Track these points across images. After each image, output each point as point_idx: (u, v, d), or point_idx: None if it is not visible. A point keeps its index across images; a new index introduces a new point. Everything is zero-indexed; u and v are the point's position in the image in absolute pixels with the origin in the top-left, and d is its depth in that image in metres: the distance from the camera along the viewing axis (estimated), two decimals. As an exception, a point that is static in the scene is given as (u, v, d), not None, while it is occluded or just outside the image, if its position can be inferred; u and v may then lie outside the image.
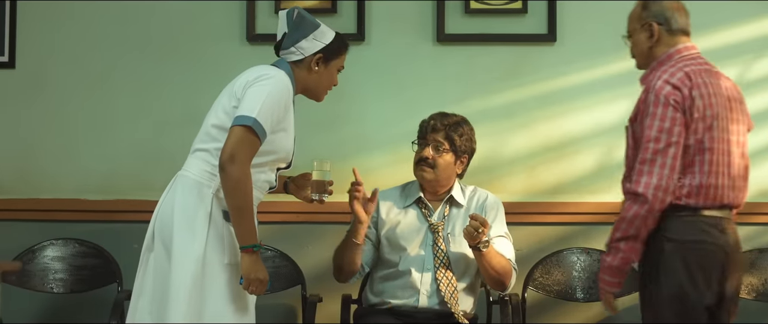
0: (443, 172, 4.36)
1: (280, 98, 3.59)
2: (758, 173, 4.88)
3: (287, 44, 3.77)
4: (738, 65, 4.95)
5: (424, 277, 4.31)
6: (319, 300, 4.70)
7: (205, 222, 3.56)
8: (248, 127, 3.48)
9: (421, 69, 5.04)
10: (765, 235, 4.92)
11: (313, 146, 4.92)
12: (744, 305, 4.76)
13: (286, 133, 3.68)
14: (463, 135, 4.36)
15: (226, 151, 3.45)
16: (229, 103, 3.61)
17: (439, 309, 4.27)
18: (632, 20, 3.78)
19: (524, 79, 5.01)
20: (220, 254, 3.55)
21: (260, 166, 3.64)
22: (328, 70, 3.84)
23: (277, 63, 3.78)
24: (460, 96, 4.99)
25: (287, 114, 3.66)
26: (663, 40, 3.70)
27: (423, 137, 4.38)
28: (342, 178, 4.92)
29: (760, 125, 4.89)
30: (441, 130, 4.33)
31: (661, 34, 3.70)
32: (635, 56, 3.79)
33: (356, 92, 5.03)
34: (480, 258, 4.21)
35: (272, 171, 3.75)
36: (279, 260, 4.82)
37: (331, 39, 3.80)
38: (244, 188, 3.49)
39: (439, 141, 4.33)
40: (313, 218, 4.95)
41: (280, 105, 3.59)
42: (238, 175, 3.46)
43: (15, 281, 4.73)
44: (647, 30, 3.71)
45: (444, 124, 4.35)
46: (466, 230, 4.09)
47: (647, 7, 3.75)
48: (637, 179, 3.48)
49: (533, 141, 4.96)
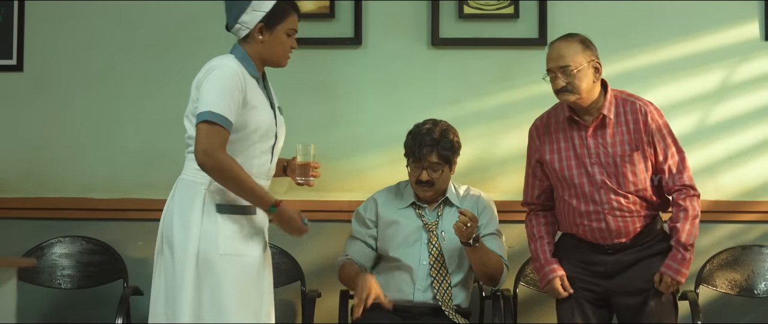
0: (441, 185, 4.46)
1: (231, 83, 3.61)
2: (740, 173, 5.02)
3: (231, 23, 3.77)
4: (723, 68, 5.03)
5: (420, 273, 4.41)
6: (318, 295, 4.75)
7: (199, 217, 3.62)
8: (207, 120, 3.55)
9: (416, 71, 5.10)
10: (748, 233, 4.99)
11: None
12: (728, 300, 4.90)
13: (257, 110, 3.69)
14: (452, 146, 4.41)
15: (198, 150, 3.54)
16: (192, 106, 3.69)
17: (433, 304, 4.37)
18: (574, 58, 4.05)
19: (516, 82, 5.07)
20: (214, 246, 3.59)
21: (248, 150, 3.69)
22: (275, 36, 3.76)
23: (232, 49, 3.81)
24: (454, 98, 5.06)
25: (250, 92, 3.67)
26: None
27: (418, 160, 4.40)
28: (338, 177, 5.04)
29: (742, 127, 5.03)
30: (433, 151, 4.37)
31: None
32: (579, 90, 4.06)
33: (352, 94, 5.11)
34: (472, 254, 4.33)
35: (265, 154, 3.76)
36: (278, 257, 4.88)
37: (271, 6, 3.72)
38: (231, 173, 3.56)
39: (434, 163, 4.39)
40: (312, 216, 4.95)
41: (232, 89, 3.61)
42: (217, 165, 3.54)
43: (24, 277, 4.78)
44: (593, 67, 4.08)
45: (433, 143, 4.37)
46: (456, 226, 4.20)
47: (588, 46, 4.11)
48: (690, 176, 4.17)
49: (525, 142, 4.87)
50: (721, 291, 4.80)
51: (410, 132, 4.47)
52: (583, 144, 4.15)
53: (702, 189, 4.76)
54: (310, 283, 4.88)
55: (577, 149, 4.16)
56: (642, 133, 4.11)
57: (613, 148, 4.12)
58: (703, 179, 4.95)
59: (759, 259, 4.82)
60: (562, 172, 4.19)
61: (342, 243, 4.69)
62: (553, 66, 4.08)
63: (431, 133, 4.39)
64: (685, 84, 5.05)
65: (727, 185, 5.01)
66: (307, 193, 5.01)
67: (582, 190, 4.15)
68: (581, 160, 4.15)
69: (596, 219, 4.15)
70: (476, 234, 4.29)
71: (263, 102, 3.75)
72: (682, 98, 5.05)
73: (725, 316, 4.98)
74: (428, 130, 4.40)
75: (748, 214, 4.99)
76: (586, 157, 4.14)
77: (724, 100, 5.04)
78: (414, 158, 4.41)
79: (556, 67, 4.06)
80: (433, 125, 4.42)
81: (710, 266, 4.81)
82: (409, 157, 4.45)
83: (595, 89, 4.12)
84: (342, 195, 5.04)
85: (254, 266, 3.68)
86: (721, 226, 5.00)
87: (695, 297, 4.61)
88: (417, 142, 4.39)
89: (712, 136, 5.03)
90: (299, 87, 5.08)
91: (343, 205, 4.99)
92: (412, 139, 4.42)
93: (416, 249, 4.45)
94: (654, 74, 5.04)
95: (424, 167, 4.39)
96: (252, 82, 3.72)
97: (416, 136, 4.41)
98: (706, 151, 5.03)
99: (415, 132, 4.43)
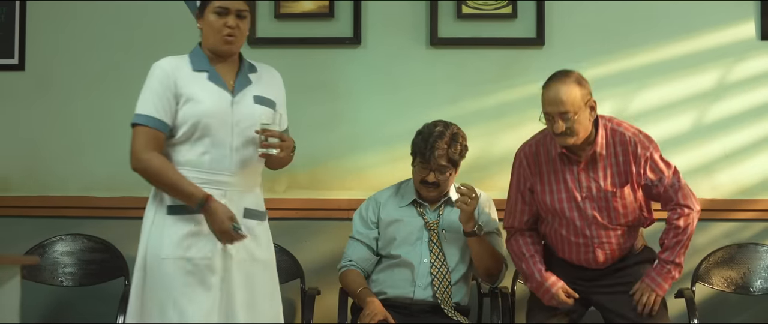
0: (445, 186, 4.48)
1: (153, 82, 3.63)
2: (737, 172, 5.05)
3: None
4: (719, 68, 5.06)
5: (420, 271, 4.44)
6: (318, 293, 4.77)
7: (150, 220, 3.64)
8: (132, 124, 3.62)
9: (415, 71, 5.12)
10: (743, 231, 5.02)
11: (308, 146, 5.00)
12: (724, 298, 4.93)
13: (194, 102, 3.62)
14: (461, 151, 4.44)
15: (130, 156, 3.62)
16: None
17: (433, 301, 4.41)
18: (574, 102, 4.03)
19: (514, 81, 5.09)
20: (157, 249, 3.58)
21: (196, 145, 3.63)
22: (206, 20, 3.70)
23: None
24: (453, 97, 5.09)
25: (184, 87, 3.63)
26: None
27: (426, 162, 4.41)
28: (337, 176, 5.07)
29: (738, 126, 5.06)
30: (443, 155, 4.37)
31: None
32: (578, 133, 4.05)
33: (351, 93, 5.13)
34: (475, 246, 4.38)
35: (219, 147, 3.62)
36: (278, 255, 4.74)
37: None
38: (155, 173, 3.57)
39: (442, 165, 4.40)
40: (312, 215, 5.06)
41: (156, 87, 3.61)
42: (142, 167, 3.58)
43: (27, 275, 4.80)
44: (589, 107, 4.10)
45: (444, 146, 4.37)
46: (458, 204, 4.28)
47: (583, 84, 4.08)
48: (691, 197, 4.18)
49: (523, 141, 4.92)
50: (717, 289, 4.83)
51: (420, 132, 4.46)
52: (574, 179, 4.18)
53: (698, 187, 4.87)
54: (310, 281, 4.89)
55: (569, 184, 4.18)
56: (631, 165, 4.15)
57: (605, 182, 4.15)
58: (699, 178, 5.00)
59: (755, 257, 4.85)
60: (552, 205, 4.21)
61: (341, 241, 4.71)
62: (552, 111, 4.05)
63: (442, 136, 4.39)
64: (681, 83, 5.07)
65: (723, 184, 5.04)
66: (307, 191, 5.05)
67: (573, 223, 4.20)
68: (572, 195, 4.17)
69: (585, 251, 4.24)
70: (479, 224, 4.34)
71: (208, 94, 3.65)
72: (678, 97, 5.07)
73: (721, 314, 5.01)
74: (440, 133, 4.39)
75: (745, 213, 5.02)
76: (578, 191, 4.17)
77: (721, 100, 5.07)
78: (423, 159, 4.41)
79: (555, 112, 4.03)
80: (444, 128, 4.42)
81: (706, 264, 4.83)
82: (416, 157, 4.46)
83: (589, 127, 4.12)
84: (342, 193, 5.07)
85: (202, 268, 3.59)
86: (717, 224, 5.02)
87: (691, 294, 4.63)
88: (428, 144, 4.38)
89: (709, 135, 5.06)
90: (299, 86, 5.06)
91: (343, 203, 5.02)
92: (423, 140, 4.41)
93: (417, 247, 4.48)
94: (651, 73, 5.07)
95: (432, 169, 4.41)
96: (191, 77, 3.68)
97: (427, 138, 4.40)
98: (702, 150, 5.05)
99: (427, 134, 4.42)
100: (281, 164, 3.92)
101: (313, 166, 5.11)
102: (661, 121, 5.05)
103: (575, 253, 4.25)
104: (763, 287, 4.82)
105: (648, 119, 5.01)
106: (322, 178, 5.09)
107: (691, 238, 4.17)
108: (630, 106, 5.06)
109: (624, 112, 5.02)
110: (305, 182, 5.10)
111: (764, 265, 4.83)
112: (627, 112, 5.04)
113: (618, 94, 5.05)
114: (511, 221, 4.38)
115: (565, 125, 4.02)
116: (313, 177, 5.10)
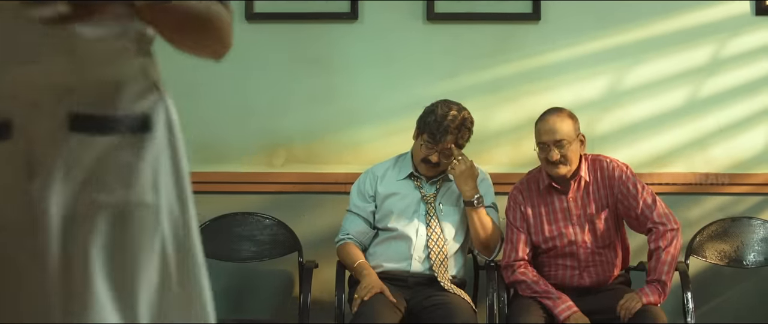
0: (445, 167, 4.52)
1: None
2: (731, 146, 5.06)
3: None
4: (714, 43, 5.07)
5: (417, 244, 4.46)
6: (316, 266, 4.78)
7: None
8: None
9: (411, 46, 5.11)
10: (737, 205, 5.05)
11: (305, 120, 5.09)
12: (718, 271, 4.96)
13: None
14: (468, 137, 4.48)
15: None
16: None
17: (430, 274, 4.43)
18: (568, 133, 4.34)
19: (510, 56, 5.08)
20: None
21: None
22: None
23: None
24: (449, 72, 5.09)
25: None
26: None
27: (433, 142, 4.42)
28: (335, 150, 5.08)
29: (732, 101, 5.08)
30: (451, 138, 4.39)
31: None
32: (571, 162, 4.36)
33: (348, 68, 5.12)
34: (473, 217, 4.42)
35: None
36: (276, 228, 4.92)
37: None
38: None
39: (449, 148, 4.42)
40: (310, 188, 5.08)
41: None
42: None
43: None
44: (579, 140, 4.41)
45: (454, 131, 4.39)
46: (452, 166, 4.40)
47: (575, 120, 4.42)
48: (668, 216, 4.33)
49: (519, 115, 5.04)
50: (710, 262, 4.86)
51: (433, 112, 4.44)
52: (564, 208, 4.43)
53: (692, 161, 4.97)
54: (308, 254, 4.90)
55: (558, 213, 4.43)
56: (611, 189, 4.40)
57: (591, 207, 4.40)
58: (693, 152, 5.04)
59: (748, 231, 4.88)
60: (544, 234, 4.43)
61: (339, 214, 4.74)
62: (547, 139, 4.32)
63: (455, 120, 4.40)
64: (676, 58, 5.08)
65: (717, 157, 5.06)
66: (304, 165, 5.06)
67: (561, 250, 4.42)
68: (563, 221, 4.42)
69: (570, 275, 4.44)
70: (479, 195, 4.40)
71: None
72: (673, 72, 5.08)
73: (715, 287, 5.06)
74: (453, 118, 4.39)
75: (738, 186, 5.04)
76: (568, 218, 4.42)
77: (716, 74, 5.07)
78: (432, 140, 4.41)
79: (551, 140, 4.31)
80: (458, 112, 4.42)
81: (700, 237, 4.86)
82: (423, 134, 4.45)
83: (578, 161, 4.41)
84: (339, 167, 5.08)
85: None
86: (711, 198, 5.06)
87: (685, 268, 4.66)
88: (441, 127, 4.38)
89: (703, 110, 5.07)
90: (295, 61, 5.11)
91: (340, 177, 5.03)
92: (436, 122, 4.40)
93: (414, 220, 4.50)
94: (646, 48, 5.08)
95: (439, 150, 4.43)
96: None
97: (441, 121, 4.39)
98: (697, 124, 5.07)
99: (440, 116, 4.40)
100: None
101: (311, 140, 5.12)
102: (656, 95, 5.06)
103: (564, 277, 4.45)
104: (756, 260, 4.85)
105: (643, 94, 5.04)
106: (320, 152, 5.11)
107: (675, 257, 4.30)
108: (625, 80, 5.07)
109: (619, 87, 5.05)
110: (302, 156, 5.11)
111: (758, 238, 4.87)
112: (622, 86, 5.06)
113: (613, 69, 5.06)
114: (511, 255, 4.47)
115: (560, 153, 4.30)
116: (311, 151, 5.11)
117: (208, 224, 4.87)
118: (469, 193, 4.42)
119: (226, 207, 5.00)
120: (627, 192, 4.36)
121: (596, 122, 5.04)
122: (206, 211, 4.92)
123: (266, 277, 5.12)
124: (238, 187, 5.09)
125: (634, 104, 5.07)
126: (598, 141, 5.00)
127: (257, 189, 5.10)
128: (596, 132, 5.02)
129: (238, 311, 5.10)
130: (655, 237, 4.28)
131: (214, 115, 5.12)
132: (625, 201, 4.37)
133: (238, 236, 4.95)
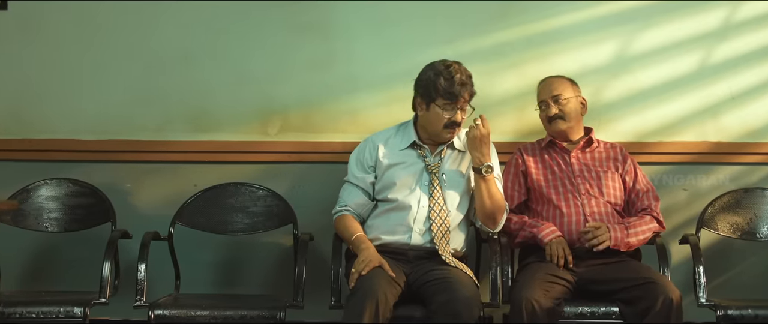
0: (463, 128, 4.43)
1: None
2: (743, 114, 4.97)
3: None
4: (726, 7, 4.96)
5: (418, 215, 4.36)
6: (311, 239, 4.72)
7: None
8: None
9: (412, 11, 5.01)
10: (750, 175, 4.97)
11: (301, 87, 4.99)
12: (729, 243, 4.89)
13: None
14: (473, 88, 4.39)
15: None
16: None
17: (430, 247, 4.33)
18: (565, 89, 4.60)
19: (512, 21, 5.00)
20: None
21: None
22: None
23: None
24: (451, 37, 5.00)
25: None
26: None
27: (454, 101, 4.32)
28: (333, 118, 5.01)
29: (745, 67, 4.97)
30: (468, 90, 4.32)
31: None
32: (569, 118, 4.58)
33: (347, 33, 5.03)
34: (480, 186, 4.32)
35: None
36: (271, 199, 4.85)
37: None
38: None
39: (465, 102, 4.34)
40: (305, 158, 4.98)
41: None
42: None
43: (10, 221, 4.76)
44: (581, 102, 4.64)
45: (466, 83, 4.31)
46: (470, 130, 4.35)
47: (575, 84, 4.66)
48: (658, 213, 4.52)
49: (523, 82, 4.97)
50: (722, 234, 4.76)
51: (437, 73, 4.32)
52: (567, 163, 4.59)
53: (704, 130, 4.96)
54: (303, 227, 4.82)
55: (562, 167, 4.59)
56: (621, 162, 4.60)
57: (599, 162, 4.59)
58: (704, 120, 4.97)
59: (762, 202, 4.78)
60: (548, 188, 4.55)
61: (335, 185, 4.63)
62: (545, 96, 4.62)
63: (462, 72, 4.32)
64: (687, 23, 4.99)
65: (729, 126, 4.97)
66: (300, 134, 4.98)
67: (566, 200, 4.50)
68: (565, 173, 4.56)
69: (576, 221, 4.44)
70: (490, 162, 4.32)
71: None
72: (684, 37, 4.99)
73: (726, 260, 4.97)
74: (458, 69, 4.32)
75: (751, 156, 4.96)
76: (570, 170, 4.56)
77: (727, 40, 4.98)
78: (450, 99, 4.31)
79: (548, 96, 4.60)
80: (458, 65, 4.34)
81: (712, 209, 4.76)
82: (438, 98, 4.32)
83: (580, 124, 4.65)
84: (335, 136, 5.00)
85: None
86: (722, 168, 4.97)
87: (696, 240, 4.57)
88: (453, 82, 4.28)
89: (715, 76, 4.98)
90: (293, 26, 5.02)
91: (337, 146, 4.95)
92: (446, 80, 4.29)
93: (417, 190, 4.40)
94: (654, 12, 4.98)
95: (460, 107, 4.33)
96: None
97: (450, 78, 4.29)
98: (708, 91, 4.98)
99: (446, 73, 4.30)
100: None
101: (307, 108, 5.03)
102: (667, 61, 4.97)
103: (567, 226, 4.44)
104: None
105: (651, 60, 4.97)
106: (316, 120, 5.01)
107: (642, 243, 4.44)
108: (633, 45, 4.98)
109: (627, 52, 4.97)
110: (298, 124, 5.02)
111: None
112: (630, 52, 4.98)
113: (622, 33, 4.98)
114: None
115: (557, 108, 4.56)
116: (307, 119, 5.02)
117: (199, 195, 4.82)
118: (481, 159, 4.30)
119: (218, 177, 4.93)
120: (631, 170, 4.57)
121: (603, 89, 4.94)
122: (198, 181, 4.90)
123: (260, 251, 5.04)
124: (231, 157, 5.01)
125: (643, 70, 4.98)
126: (604, 109, 4.93)
127: (251, 158, 5.02)
128: (603, 99, 4.94)
129: (230, 286, 5.04)
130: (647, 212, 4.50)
131: (205, 83, 5.04)
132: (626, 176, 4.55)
133: (231, 208, 4.86)
